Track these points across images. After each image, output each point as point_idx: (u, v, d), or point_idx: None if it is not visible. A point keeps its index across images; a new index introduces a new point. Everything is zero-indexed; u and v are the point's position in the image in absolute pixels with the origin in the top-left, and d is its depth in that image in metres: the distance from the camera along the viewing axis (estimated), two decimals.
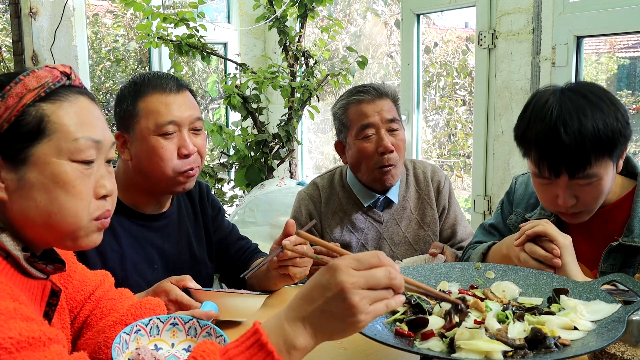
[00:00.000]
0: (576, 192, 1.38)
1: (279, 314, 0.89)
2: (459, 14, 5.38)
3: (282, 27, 3.50)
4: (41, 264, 0.95)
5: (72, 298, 1.17)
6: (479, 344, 0.98)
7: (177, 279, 1.36)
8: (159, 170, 1.48)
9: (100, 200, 0.97)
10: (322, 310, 0.85)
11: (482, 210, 2.89)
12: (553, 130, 1.33)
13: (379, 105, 1.84)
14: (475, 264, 1.34)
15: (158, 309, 1.21)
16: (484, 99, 2.83)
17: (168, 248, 1.59)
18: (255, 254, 1.73)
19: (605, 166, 1.36)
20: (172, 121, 1.48)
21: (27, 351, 0.79)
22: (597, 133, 1.31)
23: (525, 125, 1.41)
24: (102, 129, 0.98)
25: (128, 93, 1.51)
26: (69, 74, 0.96)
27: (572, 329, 1.06)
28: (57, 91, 0.94)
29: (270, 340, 0.84)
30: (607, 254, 1.45)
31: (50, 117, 0.92)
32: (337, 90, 4.71)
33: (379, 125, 1.82)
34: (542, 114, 1.36)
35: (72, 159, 0.93)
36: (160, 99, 1.49)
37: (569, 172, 1.34)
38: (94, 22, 4.34)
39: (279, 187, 3.24)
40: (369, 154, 1.83)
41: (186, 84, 1.57)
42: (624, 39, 3.12)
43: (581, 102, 1.35)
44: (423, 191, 1.99)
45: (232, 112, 3.51)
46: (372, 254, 0.88)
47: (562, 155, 1.33)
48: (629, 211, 1.45)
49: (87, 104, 0.97)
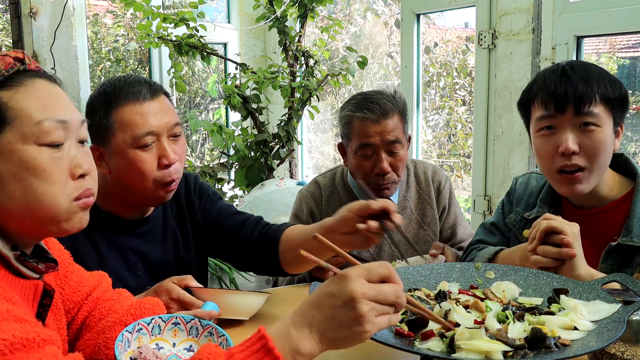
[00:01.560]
0: (579, 140, 1.41)
1: (285, 320, 0.89)
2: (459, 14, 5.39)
3: (282, 27, 3.50)
4: (32, 263, 0.93)
5: (68, 299, 1.16)
6: (479, 344, 0.98)
7: (179, 278, 1.35)
8: (140, 182, 1.42)
9: (79, 180, 0.94)
10: (331, 318, 0.86)
11: (482, 210, 2.89)
12: (561, 71, 1.44)
13: (382, 126, 1.79)
14: (475, 264, 1.34)
15: (157, 308, 1.21)
16: (484, 99, 2.83)
17: (153, 253, 1.54)
18: (263, 225, 1.59)
19: (608, 118, 1.42)
20: (149, 132, 1.40)
21: (21, 353, 0.78)
22: (602, 80, 1.42)
23: (531, 83, 1.50)
24: (68, 109, 0.95)
25: (99, 104, 1.42)
26: (22, 58, 0.93)
27: (572, 329, 1.06)
28: (11, 77, 0.90)
29: (276, 345, 0.84)
30: (606, 254, 1.45)
31: (8, 104, 0.88)
32: (337, 90, 4.71)
33: (378, 147, 1.80)
34: (550, 68, 1.48)
35: (39, 143, 0.89)
36: (135, 109, 1.40)
37: (576, 105, 1.39)
38: (94, 22, 4.34)
39: (279, 187, 3.24)
40: (365, 171, 1.83)
41: (159, 87, 1.48)
42: (624, 39, 3.12)
43: (588, 63, 1.49)
44: (424, 191, 1.99)
45: (232, 112, 3.51)
46: (382, 264, 0.90)
47: (570, 89, 1.40)
48: (628, 211, 1.45)
49: (46, 85, 0.94)
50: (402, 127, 1.83)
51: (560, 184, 1.47)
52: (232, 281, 3.20)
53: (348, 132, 1.85)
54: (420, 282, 1.29)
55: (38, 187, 0.89)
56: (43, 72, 0.96)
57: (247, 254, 1.56)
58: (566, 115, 1.41)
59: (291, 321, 0.88)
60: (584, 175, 1.43)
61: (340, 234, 1.31)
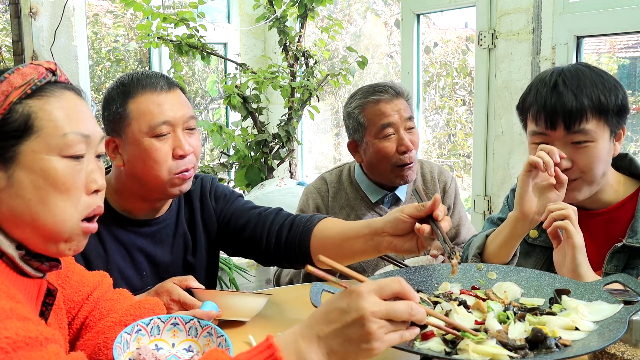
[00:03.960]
0: (571, 155, 1.40)
1: (293, 330, 0.89)
2: (459, 14, 5.38)
3: (282, 27, 3.50)
4: (36, 262, 0.94)
5: (69, 299, 1.16)
6: (485, 347, 0.98)
7: (180, 279, 1.35)
8: (154, 173, 1.41)
9: (92, 195, 0.96)
10: (339, 333, 0.86)
11: (482, 210, 2.89)
12: (553, 84, 1.41)
13: (397, 105, 1.87)
14: (477, 265, 1.34)
15: (157, 308, 1.21)
16: (484, 99, 2.83)
17: (160, 254, 1.53)
18: (285, 216, 1.52)
19: (602, 130, 1.39)
20: (165, 121, 1.40)
21: (23, 351, 0.78)
22: (595, 91, 1.38)
23: (527, 91, 1.48)
24: (91, 123, 0.97)
25: (116, 95, 1.43)
26: (54, 70, 0.95)
27: (574, 329, 1.05)
28: (43, 87, 0.93)
29: (284, 355, 0.84)
30: (611, 255, 1.44)
31: (37, 114, 0.91)
32: (337, 90, 4.71)
33: (398, 125, 1.86)
34: (543, 77, 1.46)
35: (61, 155, 0.92)
36: (152, 99, 1.41)
37: (566, 123, 1.37)
38: (94, 22, 4.34)
39: (279, 187, 3.24)
40: (389, 153, 1.86)
41: (176, 82, 1.49)
42: (624, 39, 3.12)
43: (583, 70, 1.43)
44: (430, 190, 2.01)
45: (232, 112, 3.51)
46: (394, 280, 0.89)
47: (560, 106, 1.38)
48: (633, 212, 1.44)
49: (74, 99, 0.96)
50: (410, 110, 1.91)
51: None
52: (232, 281, 3.19)
53: (363, 121, 1.88)
54: (421, 283, 1.29)
55: (54, 198, 0.91)
56: (71, 84, 0.99)
57: (270, 248, 1.49)
58: (557, 132, 1.40)
59: (299, 332, 0.88)
60: (579, 183, 1.42)
61: (389, 235, 1.28)
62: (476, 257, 1.50)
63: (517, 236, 1.44)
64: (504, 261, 1.47)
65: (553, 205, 1.36)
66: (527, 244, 1.57)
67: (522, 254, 1.56)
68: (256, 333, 1.31)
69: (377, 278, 1.24)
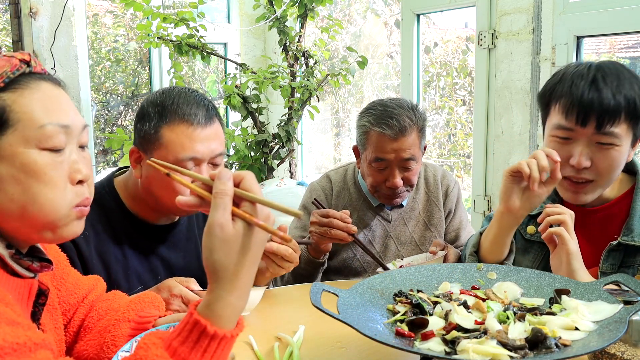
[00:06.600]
0: (592, 155, 1.36)
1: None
2: (459, 14, 5.37)
3: (282, 27, 3.50)
4: (27, 261, 0.92)
5: (65, 301, 1.15)
6: (485, 347, 0.98)
7: (182, 279, 1.37)
8: (169, 200, 1.41)
9: (77, 185, 0.94)
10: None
11: (482, 210, 2.89)
12: (592, 79, 1.34)
13: (399, 144, 1.76)
14: (477, 265, 1.34)
15: (156, 301, 1.23)
16: (484, 99, 2.83)
17: (175, 259, 1.55)
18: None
19: (627, 135, 1.35)
20: (192, 157, 1.39)
21: (11, 357, 0.75)
22: (632, 93, 1.33)
23: (557, 79, 1.41)
24: (70, 113, 0.94)
25: (153, 113, 1.41)
26: (28, 61, 0.92)
27: (574, 329, 1.05)
28: (17, 80, 0.89)
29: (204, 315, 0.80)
30: (607, 253, 1.44)
31: (12, 107, 0.88)
32: (337, 90, 4.71)
33: (392, 163, 1.79)
34: (580, 70, 1.38)
35: (40, 147, 0.88)
36: (186, 132, 1.38)
37: (598, 121, 1.32)
38: (94, 22, 4.33)
39: (279, 187, 3.24)
40: (376, 182, 1.84)
41: (216, 111, 1.45)
42: (624, 39, 3.12)
43: (621, 69, 1.37)
44: (432, 193, 2.01)
45: (232, 112, 3.51)
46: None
47: (597, 103, 1.32)
48: (628, 209, 1.44)
49: (51, 89, 0.93)
50: (418, 143, 1.81)
51: (564, 190, 1.45)
52: None
53: (364, 141, 1.84)
54: (422, 283, 1.29)
55: (38, 191, 0.89)
56: (48, 74, 0.95)
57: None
58: (586, 129, 1.34)
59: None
60: (591, 186, 1.40)
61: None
62: (472, 256, 1.50)
63: (506, 231, 1.43)
64: (500, 258, 1.47)
65: (550, 209, 1.36)
66: (525, 240, 1.57)
67: (520, 250, 1.55)
68: (256, 333, 1.31)
69: (377, 278, 1.25)
